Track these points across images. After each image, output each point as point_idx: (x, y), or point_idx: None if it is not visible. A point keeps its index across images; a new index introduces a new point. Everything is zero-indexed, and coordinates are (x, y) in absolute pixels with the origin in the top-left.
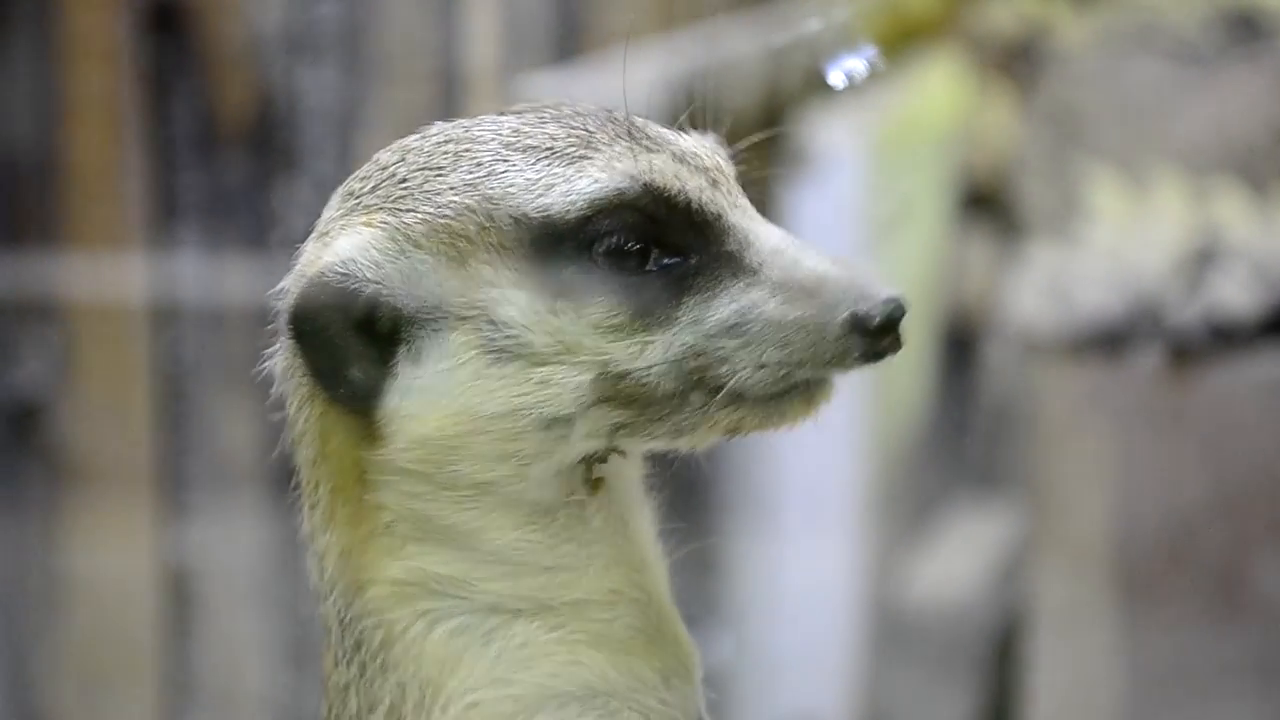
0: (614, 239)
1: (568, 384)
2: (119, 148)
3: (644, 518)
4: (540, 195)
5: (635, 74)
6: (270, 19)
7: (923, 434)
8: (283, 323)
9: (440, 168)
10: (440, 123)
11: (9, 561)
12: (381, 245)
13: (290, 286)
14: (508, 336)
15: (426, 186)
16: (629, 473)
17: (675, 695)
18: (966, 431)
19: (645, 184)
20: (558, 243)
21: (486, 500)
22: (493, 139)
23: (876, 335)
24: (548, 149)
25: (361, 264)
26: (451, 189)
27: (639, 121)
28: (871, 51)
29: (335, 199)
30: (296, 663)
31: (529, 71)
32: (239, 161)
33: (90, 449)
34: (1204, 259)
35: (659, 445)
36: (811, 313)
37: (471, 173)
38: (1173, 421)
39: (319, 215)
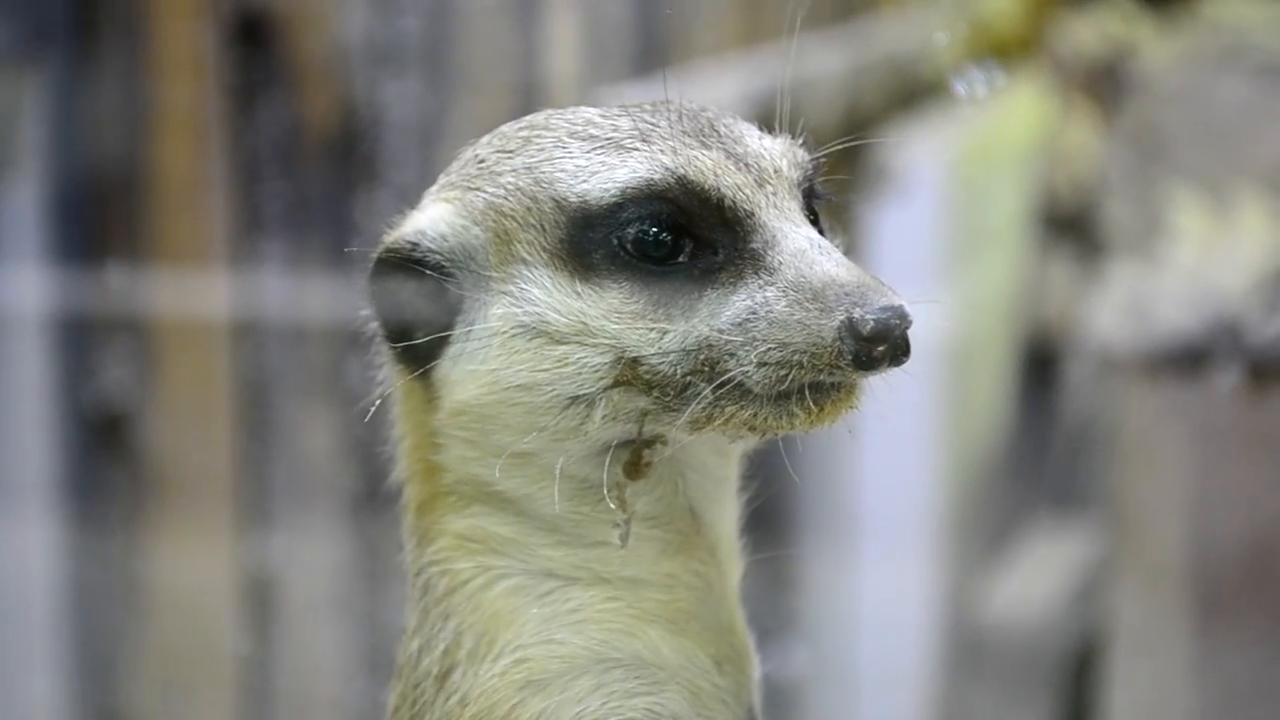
0: (643, 227)
1: (585, 365)
2: (204, 160)
3: (722, 515)
4: (582, 181)
5: (717, 89)
6: (354, 32)
7: (1002, 453)
8: (364, 286)
9: (511, 151)
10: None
11: (93, 568)
12: (449, 220)
13: (374, 255)
14: (530, 313)
15: (495, 168)
16: (713, 469)
17: (728, 681)
18: (1046, 450)
19: (679, 177)
20: (590, 228)
21: (530, 470)
22: (563, 127)
23: (869, 342)
24: (606, 139)
25: (430, 236)
26: (512, 171)
27: (719, 120)
28: (993, 68)
29: (440, 176)
30: (373, 670)
31: (610, 83)
32: (322, 173)
33: (173, 459)
34: None
35: (681, 436)
36: (811, 315)
37: (533, 157)
38: (1252, 440)
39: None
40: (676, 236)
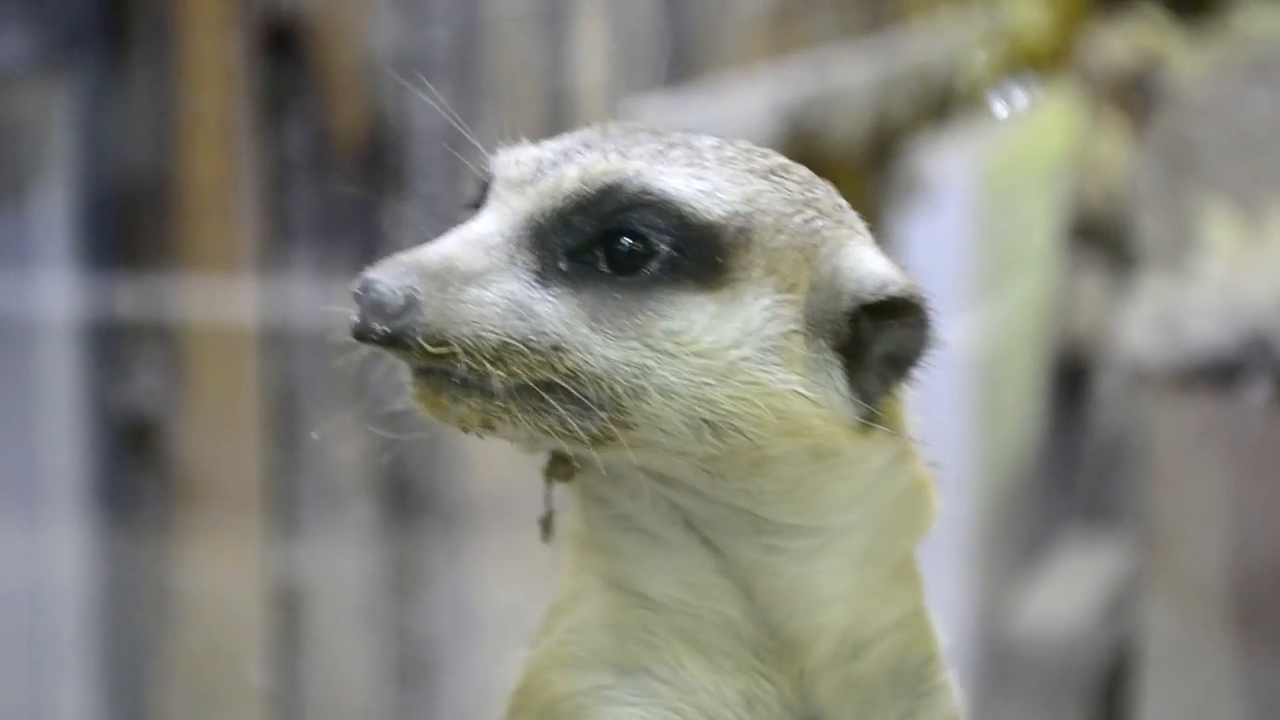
0: None
1: None
2: (234, 168)
3: (745, 551)
4: None
5: (745, 100)
6: (383, 41)
7: (1033, 466)
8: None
9: None
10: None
11: (122, 576)
12: None
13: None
14: None
15: None
16: (711, 493)
17: None
18: (1076, 464)
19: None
20: None
21: None
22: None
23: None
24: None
25: None
26: None
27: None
28: (1029, 79)
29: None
30: (402, 680)
31: (638, 94)
32: (350, 181)
33: (202, 467)
34: None
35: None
36: None
37: None
38: None
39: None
40: None
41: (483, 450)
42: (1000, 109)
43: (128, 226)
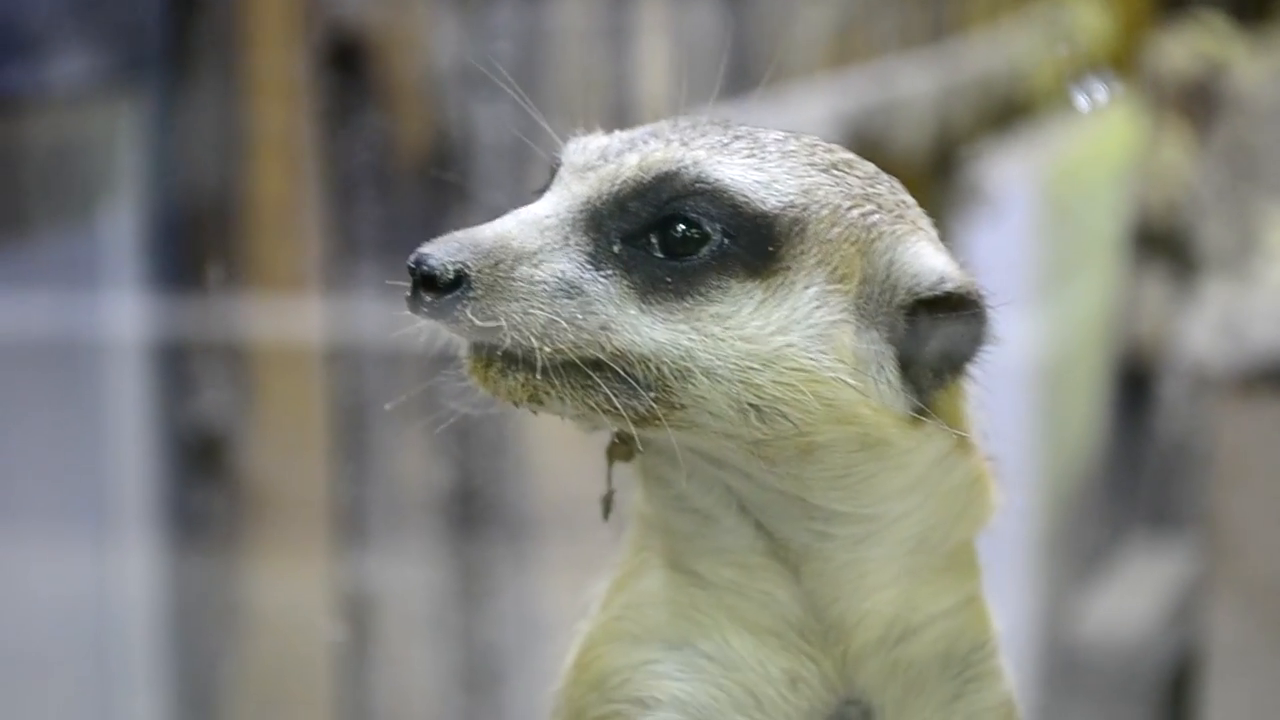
0: None
1: None
2: (299, 185)
3: (796, 535)
4: None
5: (807, 110)
6: (446, 55)
7: (1097, 471)
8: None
9: None
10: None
11: (192, 588)
12: None
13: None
14: None
15: None
16: (764, 479)
17: (800, 700)
18: (1140, 469)
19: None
20: None
21: None
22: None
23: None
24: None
25: None
26: None
27: (657, 127)
28: (1111, 76)
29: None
30: (469, 689)
31: (700, 105)
32: (414, 196)
33: (270, 482)
34: None
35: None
36: None
37: None
38: None
39: None
40: None
41: (547, 460)
42: (1081, 105)
43: (194, 245)
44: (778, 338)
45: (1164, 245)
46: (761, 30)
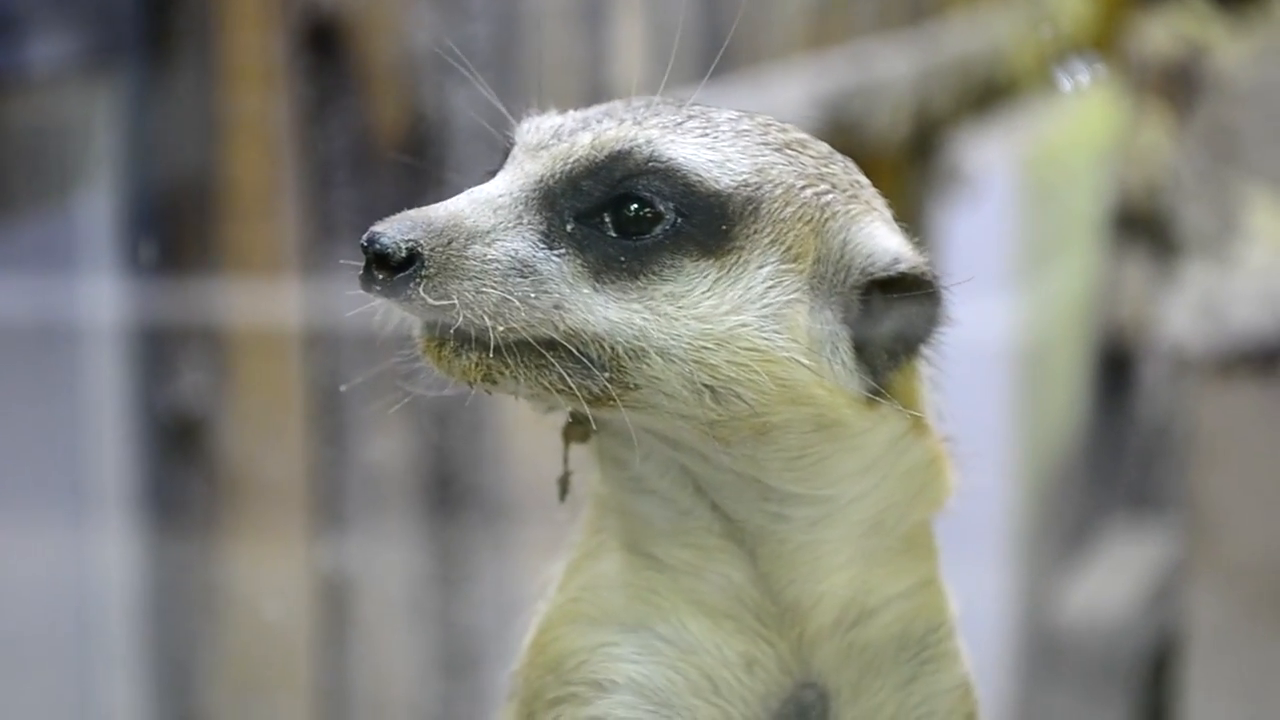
0: None
1: None
2: (276, 169)
3: (752, 517)
4: None
5: (784, 92)
6: (423, 38)
7: (1077, 454)
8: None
9: None
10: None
11: (169, 571)
12: None
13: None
14: None
15: None
16: (719, 462)
17: (756, 684)
18: (1121, 452)
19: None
20: None
21: None
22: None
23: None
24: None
25: None
26: None
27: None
28: (1095, 58)
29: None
30: (448, 673)
31: (677, 88)
32: (391, 180)
33: (248, 465)
34: None
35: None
36: None
37: None
38: None
39: None
40: None
41: (525, 444)
42: (1061, 87)
43: (171, 228)
44: (731, 317)
45: (1144, 228)
46: (738, 11)
